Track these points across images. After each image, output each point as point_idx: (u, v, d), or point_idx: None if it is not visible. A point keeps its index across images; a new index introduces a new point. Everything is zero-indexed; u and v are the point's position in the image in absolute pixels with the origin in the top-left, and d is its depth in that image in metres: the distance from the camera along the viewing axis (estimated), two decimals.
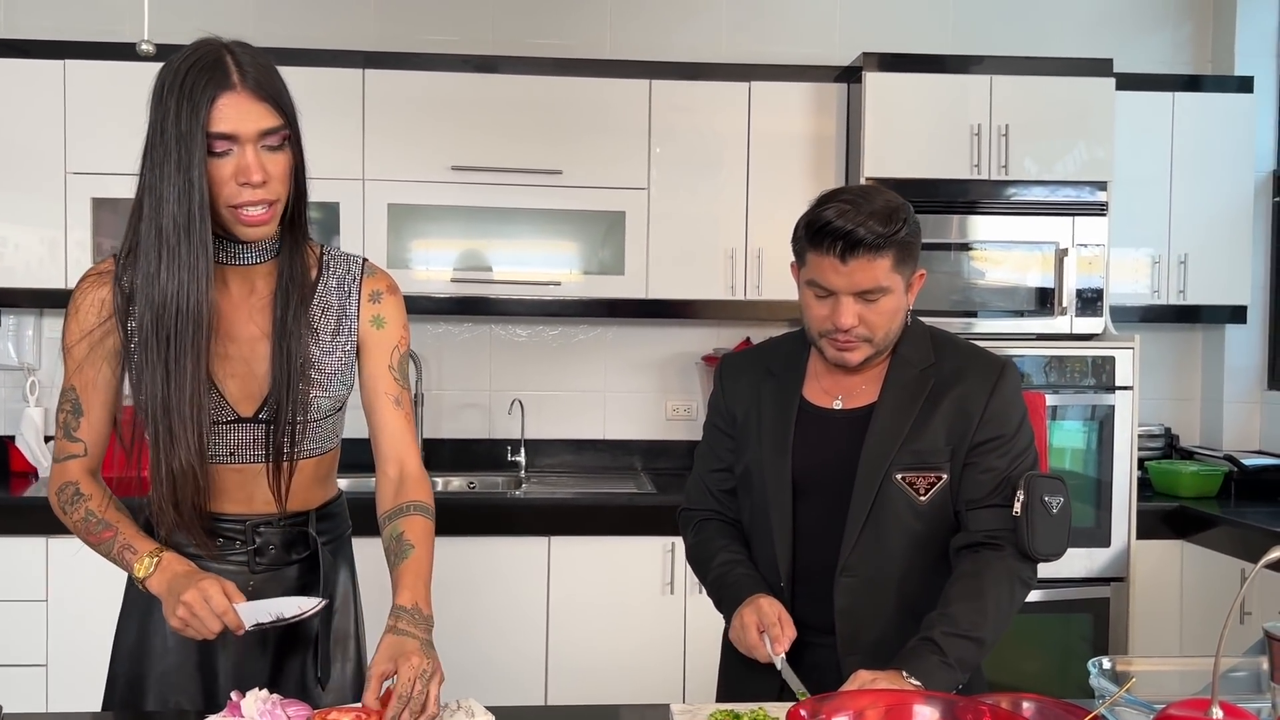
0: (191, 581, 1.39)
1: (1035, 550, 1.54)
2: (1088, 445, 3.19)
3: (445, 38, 3.61)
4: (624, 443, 3.69)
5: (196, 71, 1.42)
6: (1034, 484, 1.55)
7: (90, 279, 1.53)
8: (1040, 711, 1.33)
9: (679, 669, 3.08)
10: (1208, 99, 3.52)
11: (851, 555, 1.58)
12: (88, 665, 2.05)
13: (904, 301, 1.60)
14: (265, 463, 1.53)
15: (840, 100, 3.38)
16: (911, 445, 1.58)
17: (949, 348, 1.66)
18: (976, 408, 1.59)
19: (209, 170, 1.41)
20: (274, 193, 1.45)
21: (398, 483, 1.59)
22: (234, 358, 1.52)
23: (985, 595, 1.52)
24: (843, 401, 1.65)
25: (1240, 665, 1.57)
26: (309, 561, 1.61)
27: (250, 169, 1.41)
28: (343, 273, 1.60)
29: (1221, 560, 3.09)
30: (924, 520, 1.59)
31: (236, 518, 1.57)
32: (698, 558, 1.75)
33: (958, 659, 1.47)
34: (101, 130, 3.19)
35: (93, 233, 3.21)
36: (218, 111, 1.40)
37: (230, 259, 1.52)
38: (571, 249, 3.50)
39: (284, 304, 1.52)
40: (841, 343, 1.58)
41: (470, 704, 1.42)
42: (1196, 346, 3.87)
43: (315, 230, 3.33)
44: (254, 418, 1.53)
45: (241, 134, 1.41)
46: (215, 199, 1.42)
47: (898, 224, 1.53)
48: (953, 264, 3.29)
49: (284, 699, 1.36)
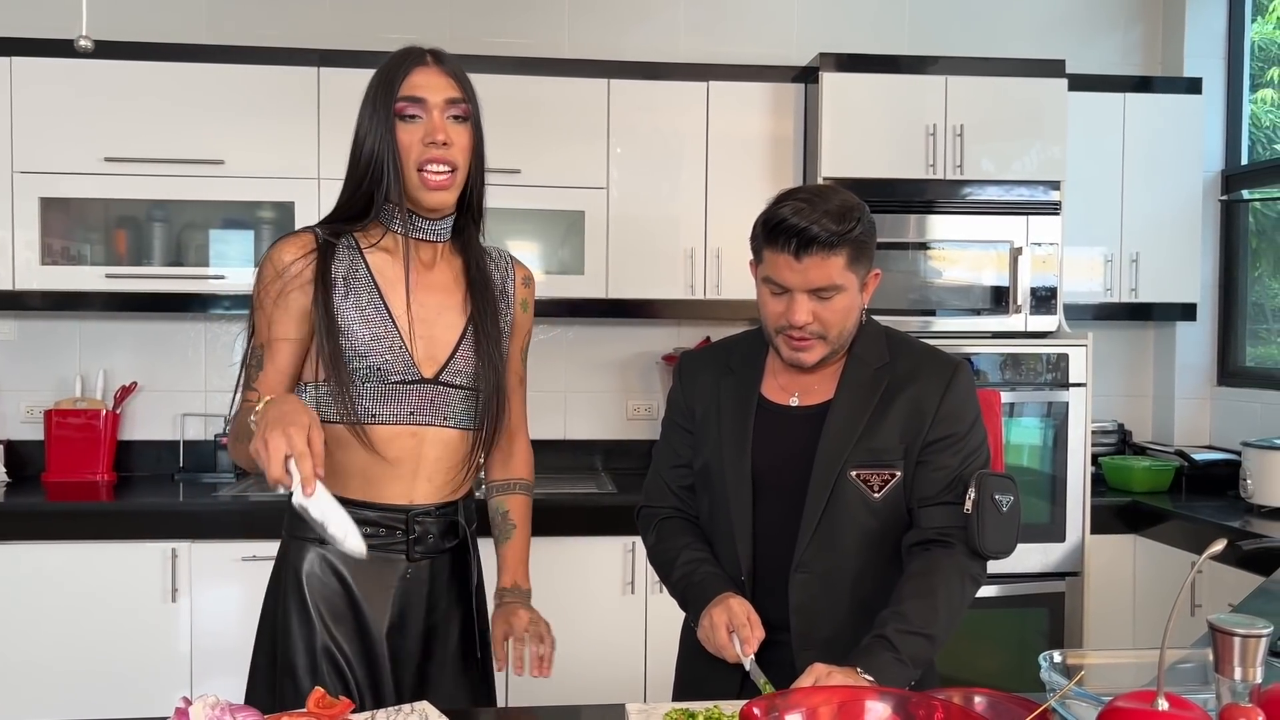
0: (294, 415, 1.35)
1: (985, 548, 1.56)
2: (1043, 442, 3.23)
3: (402, 36, 3.53)
4: (585, 443, 3.68)
5: (396, 58, 1.63)
6: (985, 482, 1.56)
7: (285, 241, 1.63)
8: (992, 706, 1.34)
9: (639, 669, 3.08)
10: (1158, 100, 3.58)
11: (806, 552, 1.59)
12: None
13: (858, 300, 1.61)
14: (468, 430, 1.65)
15: (798, 100, 3.40)
16: (866, 443, 1.60)
17: (904, 347, 1.68)
18: (930, 407, 1.60)
19: (399, 135, 1.58)
20: (455, 159, 1.59)
21: (508, 454, 1.83)
22: (422, 320, 1.63)
23: (936, 593, 1.53)
24: (799, 399, 1.66)
25: (1189, 657, 1.60)
26: (460, 549, 1.70)
27: (436, 128, 1.57)
28: (497, 258, 1.76)
29: (1173, 554, 3.14)
30: (878, 517, 1.61)
31: (398, 507, 1.63)
32: (660, 558, 1.74)
33: (910, 655, 1.48)
34: (49, 129, 3.14)
35: (41, 232, 3.16)
36: (410, 80, 1.59)
37: (417, 232, 1.64)
38: (531, 249, 3.48)
39: (481, 283, 1.67)
40: (796, 341, 1.59)
41: (424, 707, 1.41)
42: (1148, 344, 3.93)
43: (270, 231, 3.33)
44: (435, 379, 1.62)
45: (429, 99, 1.58)
46: (404, 160, 1.58)
47: (851, 223, 1.55)
48: (910, 263, 3.32)
49: (234, 705, 1.34)
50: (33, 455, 3.46)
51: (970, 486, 1.56)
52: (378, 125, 1.59)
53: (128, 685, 2.92)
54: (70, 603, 2.93)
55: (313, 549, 1.62)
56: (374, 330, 1.59)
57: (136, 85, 3.17)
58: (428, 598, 1.66)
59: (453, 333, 1.64)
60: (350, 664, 1.60)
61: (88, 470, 3.39)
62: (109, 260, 3.30)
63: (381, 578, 1.63)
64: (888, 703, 1.30)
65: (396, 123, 1.58)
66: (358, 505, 1.61)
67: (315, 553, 1.62)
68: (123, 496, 3.19)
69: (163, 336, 3.56)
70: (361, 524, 1.54)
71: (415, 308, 1.62)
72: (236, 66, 3.21)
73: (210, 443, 3.52)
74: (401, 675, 1.64)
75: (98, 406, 3.43)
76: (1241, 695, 1.19)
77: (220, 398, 3.56)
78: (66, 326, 3.52)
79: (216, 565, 2.95)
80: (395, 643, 1.63)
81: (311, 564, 1.62)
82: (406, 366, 1.60)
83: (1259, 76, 3.82)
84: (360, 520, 1.54)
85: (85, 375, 3.49)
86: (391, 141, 1.58)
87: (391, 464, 1.62)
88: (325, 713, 1.33)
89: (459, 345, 1.65)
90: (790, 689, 1.36)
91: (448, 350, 1.64)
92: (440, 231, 1.66)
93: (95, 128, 3.16)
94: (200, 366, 3.57)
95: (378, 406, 1.60)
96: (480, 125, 1.65)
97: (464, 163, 1.61)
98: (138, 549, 2.95)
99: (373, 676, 1.61)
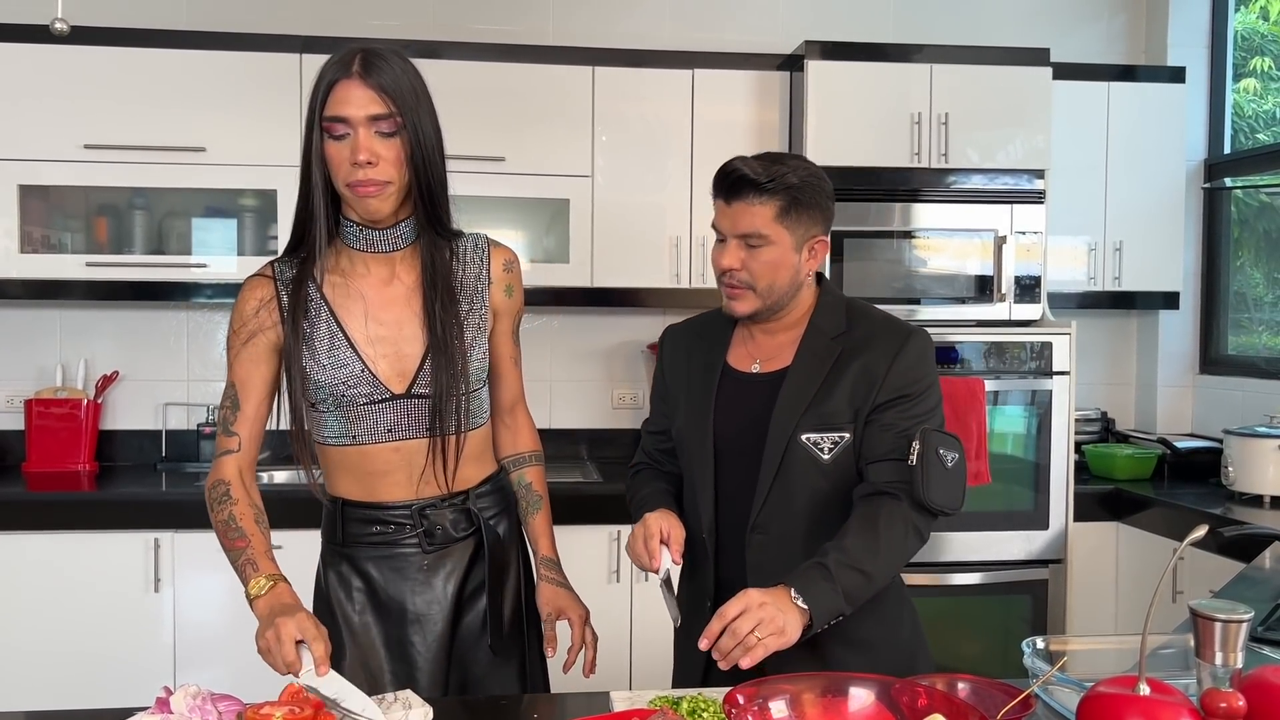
0: (287, 616, 1.42)
1: (930, 500, 1.56)
2: (1027, 430, 3.24)
3: (385, 22, 3.56)
4: (570, 431, 3.68)
5: (324, 70, 1.57)
6: (929, 438, 1.58)
7: (251, 280, 1.66)
8: (975, 691, 1.35)
9: (625, 657, 3.09)
10: (1141, 89, 3.59)
11: (761, 514, 1.64)
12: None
13: (791, 259, 1.64)
14: (429, 437, 1.64)
15: (783, 88, 3.39)
16: (817, 408, 1.63)
17: (861, 317, 1.71)
18: (879, 372, 1.63)
19: (329, 152, 1.55)
20: (385, 174, 1.56)
21: (515, 430, 1.85)
22: (382, 339, 1.63)
23: (879, 535, 1.55)
24: (760, 365, 1.71)
25: (1171, 643, 1.61)
26: (476, 538, 1.72)
27: (359, 148, 1.53)
28: (471, 249, 1.72)
29: (1155, 541, 3.16)
30: (828, 478, 1.64)
31: (402, 504, 1.66)
32: (630, 501, 1.84)
33: (845, 588, 1.49)
34: (28, 115, 3.11)
35: (20, 221, 3.13)
36: (333, 97, 1.54)
37: (369, 246, 1.63)
38: (516, 237, 3.47)
39: (431, 286, 1.64)
40: (728, 289, 1.66)
41: (408, 696, 1.41)
42: (1131, 332, 3.95)
43: (252, 219, 3.31)
44: (406, 394, 1.63)
45: (352, 116, 1.53)
46: (335, 177, 1.57)
47: (783, 169, 1.61)
48: (894, 251, 3.32)
49: (215, 694, 1.33)
50: (13, 445, 3.43)
51: (915, 441, 1.58)
52: (312, 138, 1.57)
53: (110, 675, 2.91)
54: (52, 593, 2.91)
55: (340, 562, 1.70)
56: (335, 358, 1.62)
57: (117, 71, 3.14)
58: (452, 585, 1.69)
59: (417, 345, 1.64)
60: (380, 656, 1.66)
61: (69, 460, 3.36)
62: (89, 249, 3.27)
63: (401, 572, 1.68)
64: (871, 689, 1.30)
65: (326, 140, 1.55)
66: (363, 507, 1.67)
67: (339, 555, 1.70)
68: (104, 486, 3.17)
69: (144, 325, 3.53)
70: (371, 524, 1.66)
71: (374, 327, 1.63)
72: (218, 53, 3.18)
73: (193, 432, 3.50)
74: (432, 664, 1.67)
75: (79, 396, 3.40)
76: (1222, 680, 1.20)
77: (202, 387, 3.54)
78: (47, 315, 3.49)
79: (199, 555, 2.93)
80: (421, 633, 1.67)
81: (335, 570, 1.70)
82: (373, 388, 1.62)
83: (1242, 66, 3.83)
84: (369, 520, 1.66)
85: (66, 364, 3.47)
86: (321, 158, 1.57)
87: (384, 474, 1.66)
88: (304, 704, 1.32)
89: (425, 356, 1.65)
90: (769, 677, 1.36)
91: (415, 363, 1.64)
92: (396, 240, 1.64)
93: (75, 114, 3.12)
94: (182, 355, 3.55)
95: (356, 428, 1.64)
96: (422, 130, 1.59)
97: (397, 174, 1.57)
98: (120, 539, 2.93)
99: (404, 668, 1.66)
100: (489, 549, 1.71)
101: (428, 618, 1.67)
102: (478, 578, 1.71)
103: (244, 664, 2.70)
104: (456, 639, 1.70)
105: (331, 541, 1.72)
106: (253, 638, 1.43)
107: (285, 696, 1.33)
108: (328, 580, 1.71)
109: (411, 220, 1.65)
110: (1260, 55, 3.80)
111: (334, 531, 1.70)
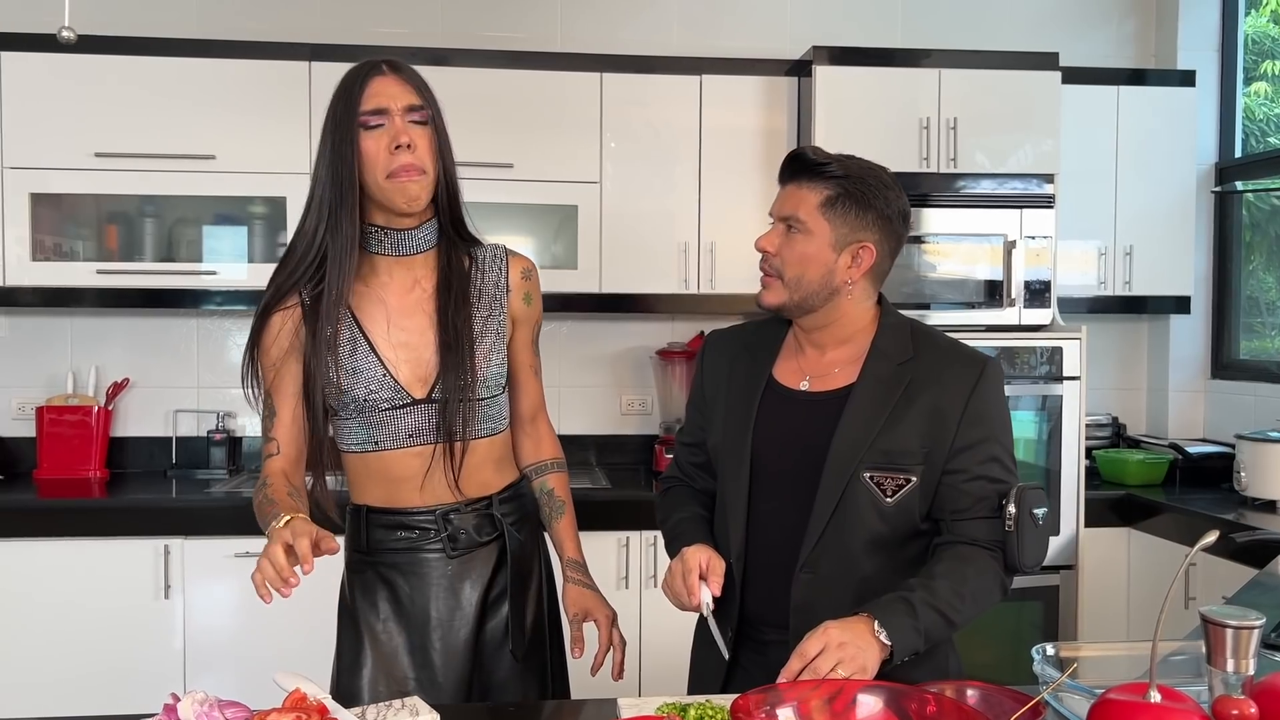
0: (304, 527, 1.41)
1: (1023, 564, 1.51)
2: (1038, 435, 3.23)
3: (394, 30, 3.57)
4: (578, 438, 3.67)
5: (353, 73, 1.62)
6: (1024, 497, 1.51)
7: (275, 315, 1.67)
8: (984, 699, 1.34)
9: (633, 663, 3.08)
10: (1151, 93, 3.57)
11: (813, 552, 1.53)
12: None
13: (826, 256, 1.56)
14: (435, 441, 1.65)
15: (791, 94, 3.39)
16: (882, 444, 1.52)
17: (929, 343, 1.60)
18: (955, 410, 1.52)
19: (363, 145, 1.58)
20: (423, 161, 1.60)
21: (536, 439, 1.86)
22: (404, 344, 1.66)
23: (968, 581, 1.50)
24: (810, 383, 1.60)
25: (1182, 649, 1.59)
26: (499, 544, 1.73)
27: (400, 131, 1.58)
28: (490, 258, 1.75)
29: (1167, 547, 3.15)
30: (888, 522, 1.53)
31: (425, 509, 1.68)
32: (661, 524, 1.76)
33: (925, 628, 1.44)
34: (39, 124, 3.13)
35: (31, 229, 3.14)
36: (369, 90, 1.59)
37: (395, 249, 1.66)
38: (524, 243, 3.47)
39: (445, 289, 1.67)
40: (763, 275, 1.61)
41: (415, 702, 1.41)
42: (1142, 337, 3.93)
43: (262, 226, 3.32)
44: (427, 399, 1.65)
45: (391, 107, 1.59)
46: (374, 170, 1.59)
47: (845, 162, 1.57)
48: (904, 257, 3.28)
49: (223, 701, 1.33)
50: (24, 452, 3.45)
51: (1009, 503, 1.51)
52: (341, 141, 1.59)
53: (120, 682, 2.91)
54: (63, 600, 2.92)
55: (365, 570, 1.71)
56: (357, 364, 1.64)
57: (127, 80, 3.16)
58: (475, 591, 1.70)
59: (433, 349, 1.66)
60: (404, 663, 1.66)
61: (80, 467, 3.38)
62: (100, 256, 3.29)
63: (425, 579, 1.69)
64: (879, 696, 1.29)
65: (360, 133, 1.58)
66: (387, 513, 1.69)
67: (363, 563, 1.72)
68: (115, 493, 3.18)
69: (155, 332, 3.54)
70: (395, 529, 1.68)
71: (396, 333, 1.66)
72: (227, 61, 3.20)
73: (203, 439, 3.51)
74: (456, 668, 1.68)
75: (90, 403, 3.41)
76: (1234, 687, 1.19)
77: (212, 394, 3.55)
78: (58, 323, 3.50)
79: (209, 562, 2.94)
80: (446, 637, 1.68)
81: (359, 578, 1.71)
82: (395, 393, 1.64)
83: (1252, 69, 3.82)
84: (393, 525, 1.68)
85: (77, 372, 3.48)
86: (355, 155, 1.58)
87: (407, 480, 1.68)
88: (309, 710, 1.32)
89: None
90: (775, 684, 1.35)
91: (435, 369, 1.66)
92: (420, 243, 1.67)
93: (86, 123, 3.14)
94: (193, 362, 3.56)
95: (378, 434, 1.66)
96: (443, 131, 1.65)
97: (431, 164, 1.62)
98: (130, 546, 2.94)
99: (427, 675, 1.66)
100: (511, 555, 1.72)
101: (451, 625, 1.68)
102: (500, 585, 1.72)
103: (254, 671, 2.71)
104: (479, 646, 1.70)
105: (356, 549, 1.73)
106: (262, 645, 1.43)
107: (290, 703, 1.33)
108: (352, 588, 1.71)
109: (434, 223, 1.68)
110: (1271, 59, 3.78)
111: (358, 539, 1.72)
